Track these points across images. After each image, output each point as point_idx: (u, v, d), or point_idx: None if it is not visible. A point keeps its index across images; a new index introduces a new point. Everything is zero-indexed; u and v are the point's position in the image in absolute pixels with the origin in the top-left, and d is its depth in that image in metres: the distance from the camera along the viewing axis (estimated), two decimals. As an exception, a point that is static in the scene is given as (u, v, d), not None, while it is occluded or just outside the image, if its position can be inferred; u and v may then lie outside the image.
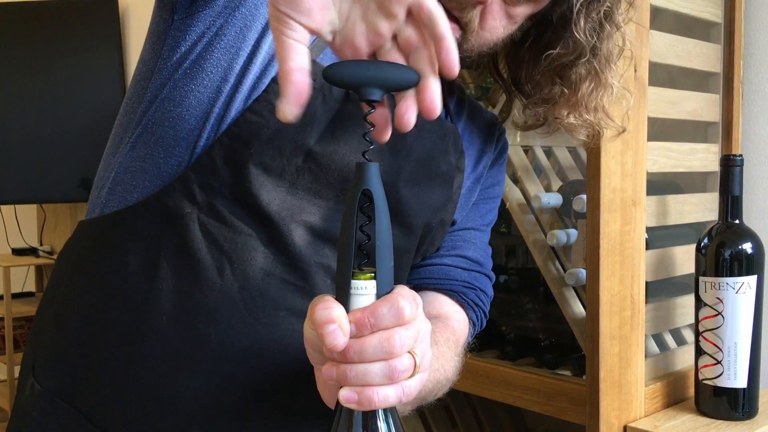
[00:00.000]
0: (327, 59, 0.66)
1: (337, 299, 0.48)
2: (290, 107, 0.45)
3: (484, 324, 0.83)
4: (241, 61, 0.65)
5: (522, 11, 0.70)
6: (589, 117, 0.77)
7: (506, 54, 0.83)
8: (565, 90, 0.76)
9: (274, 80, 0.64)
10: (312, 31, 0.46)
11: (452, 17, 0.67)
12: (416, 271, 0.80)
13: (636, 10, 0.78)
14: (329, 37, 0.48)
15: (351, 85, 0.46)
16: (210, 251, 0.64)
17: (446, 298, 0.78)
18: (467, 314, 0.79)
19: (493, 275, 0.84)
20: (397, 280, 0.50)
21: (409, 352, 0.49)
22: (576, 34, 0.72)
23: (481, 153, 0.83)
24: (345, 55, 0.49)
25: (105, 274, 0.67)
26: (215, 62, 0.65)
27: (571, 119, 0.77)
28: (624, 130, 0.84)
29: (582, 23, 0.72)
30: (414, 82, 0.47)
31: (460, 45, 0.69)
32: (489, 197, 0.85)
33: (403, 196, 0.71)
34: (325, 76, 0.47)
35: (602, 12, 0.73)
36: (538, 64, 0.77)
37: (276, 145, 0.63)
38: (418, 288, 0.79)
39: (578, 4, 0.72)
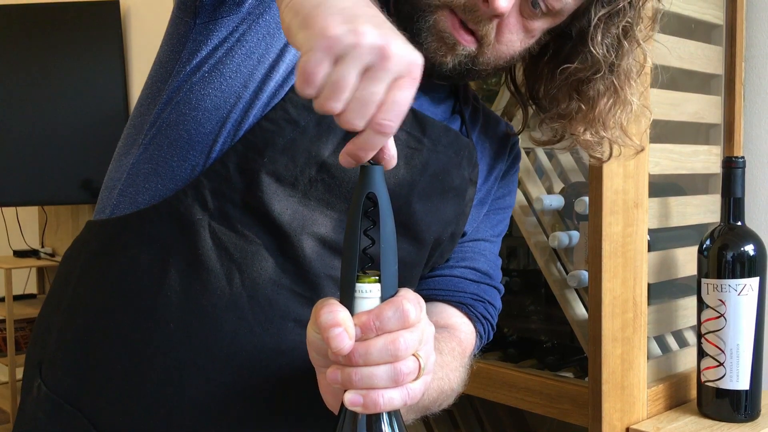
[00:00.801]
0: None
1: (341, 302, 0.48)
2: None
3: (491, 336, 0.82)
4: (263, 68, 0.64)
5: (539, 25, 0.69)
6: (606, 134, 0.75)
7: (525, 67, 0.81)
8: (582, 106, 0.74)
9: (293, 89, 0.64)
10: None
11: (468, 30, 0.67)
12: (425, 281, 0.79)
13: (658, 25, 0.76)
14: None
15: None
16: (220, 259, 0.64)
17: (454, 310, 0.78)
18: (475, 327, 0.78)
19: (502, 287, 0.83)
20: None
21: (413, 354, 0.49)
22: (593, 49, 0.71)
23: (494, 163, 0.82)
24: None
25: (114, 277, 0.66)
26: (235, 68, 0.64)
27: (588, 136, 0.76)
28: (642, 149, 0.81)
29: (599, 38, 0.71)
30: None
31: (475, 58, 0.68)
32: (500, 208, 0.84)
33: (416, 211, 0.70)
34: None
35: (621, 28, 0.71)
36: (555, 79, 0.75)
37: (290, 155, 0.63)
38: (426, 298, 0.77)
39: (596, 19, 0.70)
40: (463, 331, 0.77)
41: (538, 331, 1.19)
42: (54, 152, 2.62)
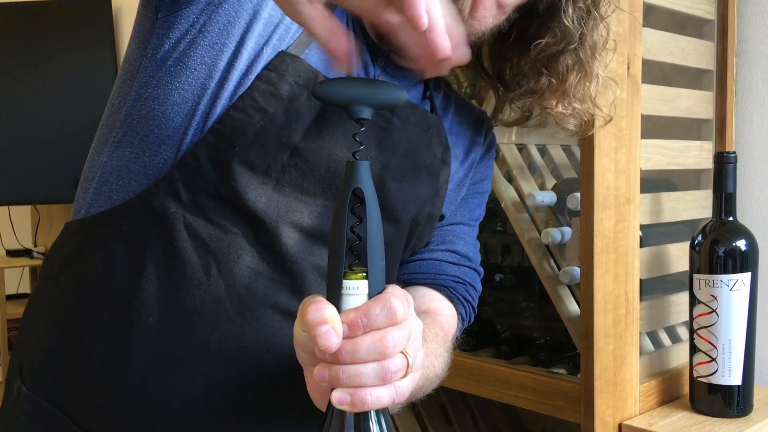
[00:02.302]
0: (312, 54, 0.66)
1: (328, 299, 0.48)
2: (344, 66, 0.47)
3: (473, 318, 0.84)
4: (225, 57, 0.65)
5: (512, 1, 0.70)
6: (578, 106, 0.78)
7: (490, 50, 0.84)
8: (553, 80, 0.77)
9: (259, 77, 0.64)
10: None
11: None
12: (406, 266, 0.80)
13: (618, 0, 0.80)
14: None
15: (340, 104, 0.47)
16: (196, 251, 0.64)
17: (436, 293, 0.79)
18: (456, 309, 0.80)
19: (481, 270, 0.85)
20: (388, 274, 0.50)
21: (401, 352, 0.48)
22: (565, 21, 0.73)
23: (470, 148, 0.84)
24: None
25: (91, 274, 0.66)
26: (199, 59, 0.65)
27: (560, 108, 0.78)
28: (611, 119, 0.85)
29: (570, 12, 0.73)
30: (402, 100, 0.48)
31: None
32: (478, 192, 0.86)
33: (390, 191, 0.71)
34: (314, 94, 0.48)
35: (589, 1, 0.74)
36: (525, 56, 0.77)
37: (261, 143, 0.63)
38: (408, 282, 0.80)
39: None
40: (445, 315, 0.78)
41: (531, 328, 1.19)
42: (46, 151, 2.61)
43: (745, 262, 1.01)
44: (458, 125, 0.82)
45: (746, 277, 1.01)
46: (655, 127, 1.14)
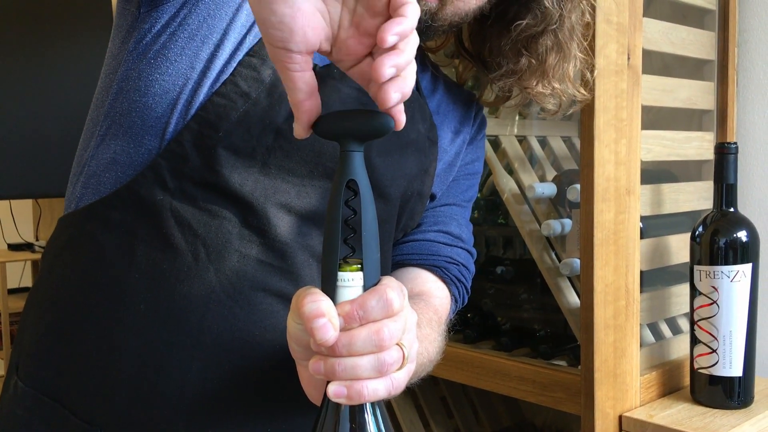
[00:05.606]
0: None
1: (322, 291, 0.47)
2: (305, 130, 0.48)
3: (466, 300, 0.84)
4: (208, 48, 0.65)
5: None
6: (557, 86, 0.80)
7: (470, 30, 0.85)
8: (533, 61, 0.79)
9: (241, 63, 0.65)
10: (312, 52, 0.47)
11: None
12: (399, 247, 0.81)
13: None
14: (328, 49, 0.48)
15: (331, 138, 0.48)
16: (184, 237, 0.64)
17: (429, 274, 0.79)
18: (450, 290, 0.80)
19: (474, 251, 0.85)
20: (382, 251, 0.50)
21: (397, 344, 0.48)
22: (545, 2, 0.75)
23: (459, 128, 0.84)
24: (344, 64, 0.49)
25: (82, 266, 0.67)
26: (179, 51, 0.66)
27: (540, 88, 0.81)
28: (590, 99, 0.88)
29: None
30: (390, 129, 0.48)
31: (435, 15, 0.70)
32: (469, 173, 0.87)
33: (377, 166, 0.71)
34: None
35: None
36: (505, 36, 0.79)
37: (245, 127, 0.64)
38: (400, 264, 0.80)
39: None
40: (438, 297, 0.78)
41: (532, 320, 1.18)
42: (47, 144, 2.61)
43: (745, 253, 1.01)
44: (446, 105, 0.83)
45: (747, 268, 1.01)
46: (655, 118, 1.13)
